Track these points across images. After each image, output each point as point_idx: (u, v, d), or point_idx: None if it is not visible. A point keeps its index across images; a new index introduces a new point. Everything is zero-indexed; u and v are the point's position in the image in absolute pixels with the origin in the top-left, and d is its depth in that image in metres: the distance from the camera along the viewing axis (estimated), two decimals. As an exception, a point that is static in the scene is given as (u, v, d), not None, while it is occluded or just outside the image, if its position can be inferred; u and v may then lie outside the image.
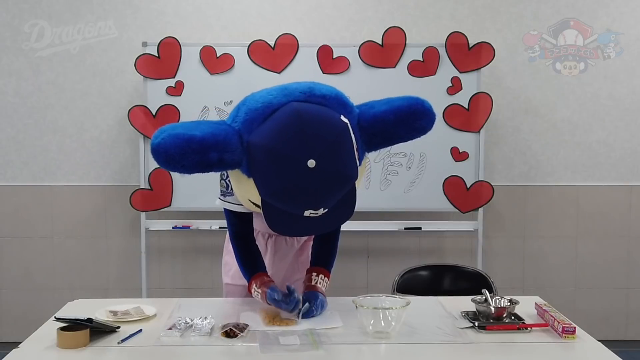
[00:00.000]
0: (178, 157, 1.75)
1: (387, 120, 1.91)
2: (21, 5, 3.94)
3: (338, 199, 1.82)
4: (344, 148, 1.80)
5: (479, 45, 3.76)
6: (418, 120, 1.93)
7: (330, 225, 1.93)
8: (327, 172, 1.75)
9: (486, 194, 3.80)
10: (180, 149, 1.75)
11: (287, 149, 1.74)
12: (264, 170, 1.79)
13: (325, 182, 1.76)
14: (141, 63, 3.74)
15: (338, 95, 1.92)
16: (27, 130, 4.01)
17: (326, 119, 1.81)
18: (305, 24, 3.96)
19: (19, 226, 4.06)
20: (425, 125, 1.96)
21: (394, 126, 1.92)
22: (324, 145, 1.74)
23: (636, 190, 4.10)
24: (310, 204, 1.78)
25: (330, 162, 1.75)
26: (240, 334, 1.92)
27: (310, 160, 1.72)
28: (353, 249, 4.07)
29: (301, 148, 1.73)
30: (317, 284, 2.20)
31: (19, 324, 4.00)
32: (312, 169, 1.72)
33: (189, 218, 3.84)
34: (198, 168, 1.80)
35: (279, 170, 1.75)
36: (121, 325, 2.00)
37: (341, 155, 1.79)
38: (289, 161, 1.73)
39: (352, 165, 1.82)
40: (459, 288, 3.15)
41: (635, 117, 4.06)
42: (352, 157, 1.82)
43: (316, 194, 1.76)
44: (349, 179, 1.81)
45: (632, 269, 4.15)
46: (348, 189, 1.84)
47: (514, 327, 2.00)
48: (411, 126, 1.93)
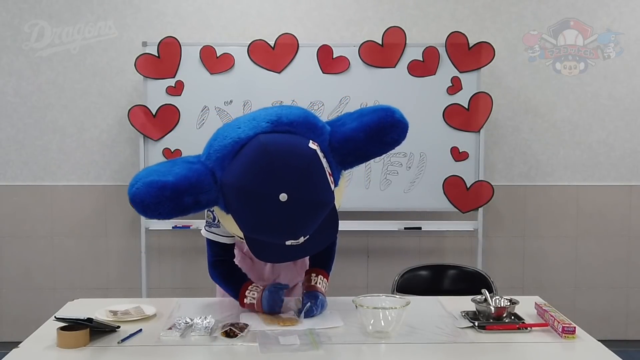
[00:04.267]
0: (154, 206, 1.78)
1: (358, 139, 1.91)
2: (21, 5, 3.94)
3: (318, 224, 1.83)
4: (315, 176, 1.80)
5: (479, 45, 3.76)
6: (389, 134, 1.93)
7: (315, 248, 1.94)
8: (301, 202, 1.75)
9: (486, 193, 3.80)
10: (155, 197, 1.77)
11: (257, 186, 1.74)
12: (239, 208, 1.81)
13: (300, 213, 1.76)
14: (141, 63, 3.74)
15: (307, 118, 1.92)
16: (27, 130, 4.01)
17: (293, 150, 1.80)
18: (305, 24, 3.96)
19: (19, 226, 4.06)
20: (397, 137, 1.96)
21: (365, 144, 1.92)
22: (294, 177, 1.74)
23: (636, 190, 4.10)
24: (288, 235, 1.80)
25: (302, 192, 1.75)
26: (240, 334, 1.92)
27: (282, 194, 1.72)
28: (353, 249, 4.07)
29: (271, 183, 1.73)
30: (317, 284, 2.20)
31: (19, 323, 4.00)
32: (284, 202, 1.72)
33: (189, 218, 3.83)
34: (175, 213, 1.82)
35: (252, 207, 1.77)
36: (121, 325, 2.00)
37: (313, 183, 1.78)
38: (261, 198, 1.74)
39: (326, 192, 1.82)
40: (459, 288, 3.15)
41: (635, 117, 4.06)
42: (324, 183, 1.82)
43: (293, 225, 1.78)
44: (323, 206, 1.82)
45: (632, 269, 4.15)
46: (326, 214, 1.85)
47: (514, 327, 2.00)
48: (382, 141, 1.93)
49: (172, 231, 3.94)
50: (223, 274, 2.23)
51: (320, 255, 2.28)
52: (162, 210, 1.79)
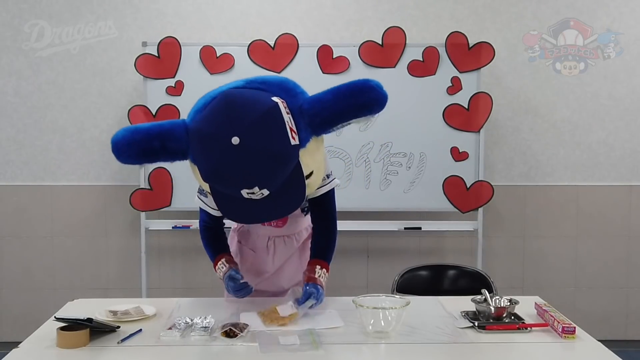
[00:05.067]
0: (125, 147, 1.88)
1: (326, 99, 1.91)
2: (21, 5, 3.94)
3: (278, 180, 1.83)
4: (271, 125, 1.81)
5: (479, 45, 3.76)
6: (359, 96, 1.90)
7: (279, 210, 1.96)
8: (252, 148, 1.78)
9: (486, 193, 3.80)
10: (127, 139, 1.88)
11: (211, 128, 1.82)
12: (197, 153, 1.87)
13: (251, 159, 1.78)
14: (141, 63, 3.74)
15: (282, 82, 1.99)
16: (27, 130, 4.01)
17: (252, 99, 1.86)
18: (305, 24, 3.96)
19: (19, 226, 4.06)
20: (369, 101, 1.90)
21: (334, 104, 1.90)
22: (247, 122, 1.78)
23: (636, 190, 4.11)
24: (241, 182, 1.81)
25: (254, 139, 1.78)
26: (240, 334, 1.92)
27: (234, 137, 1.76)
28: (353, 249, 4.07)
29: (224, 125, 1.79)
30: (320, 277, 2.20)
31: (19, 323, 4.01)
32: (236, 146, 1.76)
33: (189, 218, 3.84)
34: (143, 156, 1.91)
35: (207, 150, 1.83)
36: (121, 325, 2.00)
37: (267, 131, 1.80)
38: (214, 140, 1.80)
39: (281, 143, 1.82)
40: (459, 288, 3.16)
41: (635, 117, 4.06)
42: (281, 135, 1.82)
43: (244, 171, 1.79)
44: (279, 156, 1.82)
45: (632, 269, 4.15)
46: (286, 170, 1.84)
47: (514, 327, 2.00)
48: (351, 102, 1.90)
49: (172, 231, 3.94)
50: (207, 238, 2.38)
51: (322, 244, 2.28)
52: (132, 151, 1.88)
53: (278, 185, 1.84)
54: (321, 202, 2.26)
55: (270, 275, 2.42)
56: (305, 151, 1.90)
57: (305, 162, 1.91)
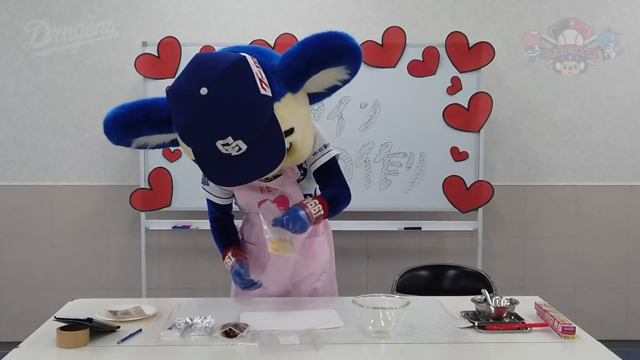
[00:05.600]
0: (111, 122, 1.99)
1: (293, 50, 1.98)
2: (21, 5, 3.94)
3: (252, 130, 1.85)
4: (239, 75, 1.86)
5: (479, 45, 3.76)
6: (327, 42, 1.92)
7: (260, 167, 1.95)
8: (221, 97, 1.82)
9: (486, 193, 3.80)
10: (113, 114, 1.99)
11: (181, 84, 1.90)
12: (172, 112, 1.94)
13: (221, 107, 1.82)
14: (141, 63, 3.74)
15: (257, 47, 2.06)
16: (27, 130, 4.01)
17: (221, 55, 1.92)
18: (305, 24, 3.96)
19: (19, 226, 4.06)
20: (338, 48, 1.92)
21: (300, 53, 1.95)
22: (215, 73, 1.83)
23: (636, 190, 4.11)
24: (213, 132, 1.84)
25: (222, 87, 1.82)
26: (240, 334, 1.92)
27: (203, 88, 1.81)
28: (353, 248, 4.07)
29: (192, 79, 1.86)
30: (307, 203, 2.10)
31: (19, 323, 4.01)
32: (205, 96, 1.81)
33: (189, 218, 3.84)
34: (129, 129, 2.00)
35: (179, 106, 1.89)
36: (121, 325, 2.00)
37: (235, 80, 1.85)
38: (184, 94, 1.86)
39: (250, 90, 1.86)
40: (459, 288, 3.16)
41: (635, 117, 4.06)
42: (250, 84, 1.86)
43: (215, 119, 1.83)
44: (246, 103, 1.85)
45: (632, 269, 4.15)
46: (260, 121, 1.87)
47: (514, 327, 2.00)
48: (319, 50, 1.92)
49: (172, 231, 3.94)
50: (215, 230, 2.38)
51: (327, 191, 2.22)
52: (117, 125, 1.98)
53: (254, 138, 1.86)
54: (325, 172, 2.24)
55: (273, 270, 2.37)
56: (280, 105, 1.93)
57: (282, 116, 1.93)
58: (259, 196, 2.28)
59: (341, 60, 1.95)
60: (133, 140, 2.08)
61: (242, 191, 2.27)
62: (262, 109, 1.88)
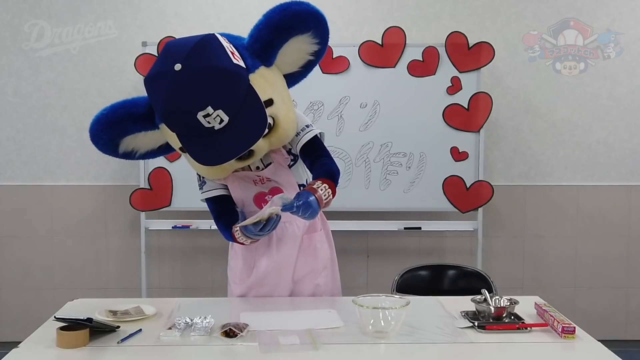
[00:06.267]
0: (95, 125, 2.04)
1: (258, 22, 2.05)
2: (21, 5, 3.94)
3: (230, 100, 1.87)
4: (211, 48, 1.89)
5: (479, 45, 3.76)
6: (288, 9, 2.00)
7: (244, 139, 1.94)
8: (195, 68, 1.84)
9: (486, 193, 3.80)
10: (95, 118, 2.04)
11: (156, 68, 1.93)
12: (152, 100, 1.96)
13: (196, 78, 1.84)
14: (141, 63, 3.74)
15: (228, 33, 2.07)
16: (27, 130, 4.01)
17: (190, 37, 1.94)
18: (305, 24, 3.95)
19: (19, 226, 4.06)
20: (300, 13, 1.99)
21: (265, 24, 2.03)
22: (186, 50, 1.86)
23: (636, 190, 4.11)
24: (193, 105, 1.85)
25: (196, 60, 1.85)
26: (239, 334, 1.91)
27: (176, 64, 1.84)
28: (353, 248, 4.07)
29: (165, 60, 1.89)
30: (318, 188, 2.04)
31: (18, 323, 4.01)
32: (179, 71, 1.83)
33: (189, 218, 3.84)
34: (112, 128, 2.04)
35: (156, 89, 1.91)
36: (121, 325, 1.99)
37: (206, 52, 1.88)
38: (160, 75, 1.90)
39: (223, 60, 1.88)
40: (459, 288, 3.16)
41: (635, 117, 4.06)
42: (221, 55, 1.89)
43: (193, 91, 1.84)
44: (221, 72, 1.87)
45: (632, 269, 4.15)
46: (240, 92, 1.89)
47: (514, 327, 2.00)
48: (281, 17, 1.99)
49: (172, 231, 3.94)
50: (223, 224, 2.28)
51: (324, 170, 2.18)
52: (100, 126, 2.02)
53: (235, 109, 1.87)
54: (311, 148, 2.24)
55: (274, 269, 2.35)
56: (255, 76, 1.96)
57: (260, 86, 1.96)
58: (253, 188, 2.27)
59: (307, 25, 2.01)
60: (120, 142, 2.08)
61: (236, 184, 2.26)
62: (237, 76, 1.90)
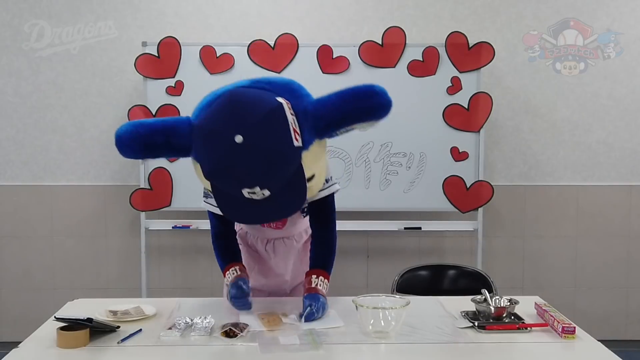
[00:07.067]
0: (128, 141, 1.88)
1: (331, 101, 1.92)
2: (21, 5, 3.94)
3: (280, 181, 1.82)
4: (274, 124, 1.81)
5: (479, 45, 3.76)
6: (364, 100, 1.90)
7: (279, 212, 1.95)
8: (256, 147, 1.77)
9: (486, 193, 3.80)
10: (130, 133, 1.88)
11: (215, 125, 1.82)
12: (200, 150, 1.87)
13: (254, 158, 1.77)
14: (141, 63, 3.74)
15: (288, 83, 1.98)
16: (27, 130, 4.01)
17: (257, 99, 1.85)
18: (305, 24, 3.96)
19: (19, 226, 4.06)
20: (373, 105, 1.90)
21: (338, 107, 1.91)
22: (251, 121, 1.77)
23: (636, 190, 4.10)
24: (243, 181, 1.80)
25: (258, 137, 1.77)
26: (239, 334, 1.91)
27: (238, 135, 1.75)
28: (353, 248, 4.07)
29: (228, 123, 1.78)
30: (318, 286, 2.17)
31: (19, 323, 4.01)
32: (239, 144, 1.75)
33: (189, 218, 3.84)
34: (146, 151, 1.91)
35: (210, 147, 1.83)
36: (121, 325, 1.99)
37: (270, 130, 1.79)
38: (218, 137, 1.79)
39: (285, 142, 1.81)
40: (459, 288, 3.16)
41: (635, 117, 4.06)
42: (284, 135, 1.81)
43: (247, 170, 1.78)
44: (281, 156, 1.81)
45: (632, 269, 4.15)
46: (288, 171, 1.84)
47: (514, 327, 2.00)
48: (356, 106, 1.91)
49: (172, 231, 3.94)
50: (219, 247, 2.29)
51: (320, 253, 2.26)
52: (135, 145, 1.88)
53: (279, 187, 1.83)
54: (320, 206, 2.23)
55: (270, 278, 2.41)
56: (307, 153, 1.89)
57: (308, 164, 1.90)
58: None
59: (375, 117, 1.93)
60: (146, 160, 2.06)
61: None
62: (293, 160, 1.85)
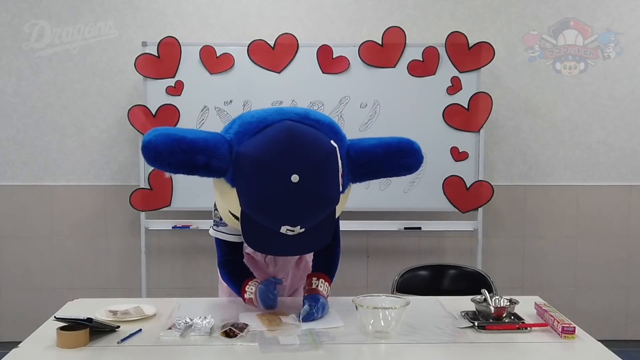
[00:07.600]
0: (166, 154, 1.79)
1: (375, 153, 1.99)
2: (21, 5, 3.94)
3: (316, 220, 1.85)
4: (329, 170, 1.84)
5: (479, 45, 3.76)
6: (405, 157, 2.03)
7: (305, 248, 1.98)
8: (309, 190, 1.78)
9: (486, 193, 3.80)
10: (170, 147, 1.78)
11: (274, 162, 1.77)
12: (249, 180, 1.81)
13: (305, 200, 1.78)
14: (141, 63, 3.74)
15: (331, 123, 2.00)
16: (27, 130, 4.01)
17: (316, 140, 1.85)
18: (305, 24, 3.96)
19: (19, 226, 4.06)
20: (412, 164, 2.05)
21: (381, 160, 1.99)
22: (310, 164, 1.78)
23: (636, 190, 4.11)
24: (288, 219, 1.80)
25: (313, 181, 1.78)
26: (239, 334, 1.92)
27: (294, 175, 1.75)
28: (353, 248, 4.07)
29: (288, 162, 1.76)
30: (318, 287, 2.17)
31: (18, 323, 4.01)
32: (295, 184, 1.75)
33: (189, 218, 3.84)
34: (184, 168, 1.83)
35: (263, 181, 1.78)
36: (121, 325, 2.00)
37: (325, 176, 1.82)
38: (274, 173, 1.76)
39: (334, 189, 1.85)
40: (459, 288, 3.16)
41: (635, 117, 4.06)
42: (335, 181, 1.85)
43: (295, 210, 1.79)
44: (329, 201, 1.85)
45: (632, 269, 4.15)
46: (327, 213, 1.87)
47: (514, 327, 2.00)
48: (397, 162, 2.02)
49: (172, 231, 3.94)
50: (230, 272, 2.24)
51: (324, 260, 2.27)
52: (173, 161, 1.79)
53: (313, 225, 1.86)
54: None
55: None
56: (343, 196, 1.95)
57: (340, 205, 1.95)
58: None
59: (409, 172, 2.06)
60: None
61: None
62: (333, 205, 1.89)
